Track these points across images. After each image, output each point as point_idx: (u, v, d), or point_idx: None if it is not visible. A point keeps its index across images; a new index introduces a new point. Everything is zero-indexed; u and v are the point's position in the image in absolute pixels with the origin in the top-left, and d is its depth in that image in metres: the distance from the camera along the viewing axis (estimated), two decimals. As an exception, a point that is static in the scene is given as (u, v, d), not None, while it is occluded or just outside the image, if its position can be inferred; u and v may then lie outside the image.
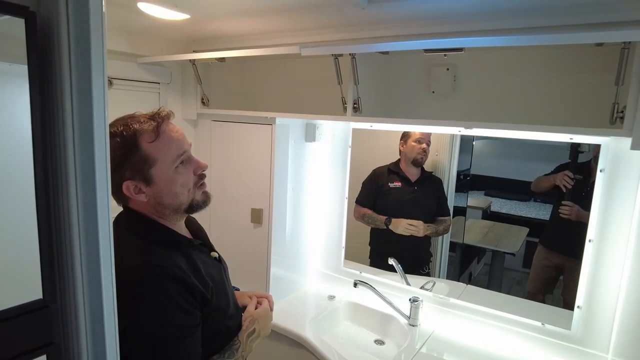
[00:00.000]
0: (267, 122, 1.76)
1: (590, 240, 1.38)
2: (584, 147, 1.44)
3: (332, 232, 2.07)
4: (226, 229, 1.97)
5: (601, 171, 1.34)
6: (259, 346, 1.11)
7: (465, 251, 1.84)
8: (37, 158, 0.56)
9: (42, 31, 0.58)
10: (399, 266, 1.86)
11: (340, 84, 1.56)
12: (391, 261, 1.86)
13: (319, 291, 2.04)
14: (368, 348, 1.73)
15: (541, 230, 1.63)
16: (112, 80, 1.76)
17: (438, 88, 1.65)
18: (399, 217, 1.88)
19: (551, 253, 1.61)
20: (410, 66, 1.73)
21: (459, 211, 1.80)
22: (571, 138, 1.39)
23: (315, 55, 1.48)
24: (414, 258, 1.91)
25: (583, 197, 1.42)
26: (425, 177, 1.86)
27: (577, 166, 1.46)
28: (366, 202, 1.98)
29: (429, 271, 1.90)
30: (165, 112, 0.96)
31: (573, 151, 1.47)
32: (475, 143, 1.73)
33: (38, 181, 0.57)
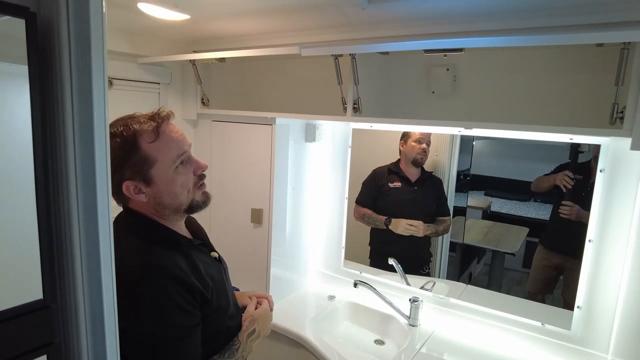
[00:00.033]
0: (267, 122, 1.76)
1: (590, 240, 1.38)
2: (584, 147, 1.44)
3: (332, 232, 2.07)
4: (226, 229, 1.97)
5: (601, 171, 1.34)
6: (259, 346, 1.11)
7: (465, 251, 1.84)
8: (38, 158, 0.57)
9: (43, 32, 0.58)
10: (399, 266, 1.86)
11: (340, 84, 1.56)
12: (391, 261, 1.86)
13: (319, 291, 2.04)
14: (368, 348, 1.73)
15: (541, 230, 1.63)
16: (112, 80, 1.76)
17: (438, 88, 1.65)
18: (399, 217, 1.89)
19: (551, 253, 1.61)
20: (410, 66, 1.73)
21: (459, 211, 1.80)
22: (571, 138, 1.39)
23: (315, 55, 1.48)
24: (414, 258, 1.91)
25: (583, 197, 1.42)
26: (425, 177, 1.86)
27: (577, 166, 1.46)
28: (366, 202, 1.98)
29: (429, 271, 1.90)
30: (165, 113, 0.96)
31: (573, 151, 1.47)
32: (475, 143, 1.73)
33: (38, 181, 0.57)
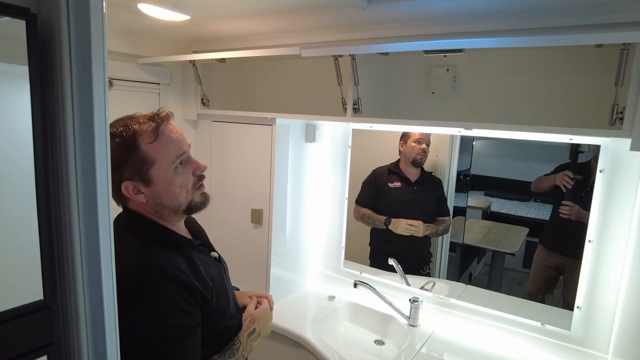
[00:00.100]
0: (267, 123, 1.76)
1: (590, 240, 1.38)
2: (584, 148, 1.44)
3: (332, 233, 2.07)
4: (226, 230, 1.97)
5: (601, 172, 1.34)
6: (259, 346, 1.11)
7: (465, 251, 1.84)
8: (38, 159, 0.57)
9: (43, 33, 0.58)
10: (399, 266, 1.86)
11: (340, 85, 1.56)
12: (391, 261, 1.86)
13: (319, 291, 2.04)
14: (368, 348, 1.73)
15: (541, 230, 1.63)
16: (113, 81, 1.76)
17: (438, 89, 1.65)
18: (399, 217, 1.89)
19: (551, 253, 1.61)
20: (410, 67, 1.73)
21: (459, 211, 1.80)
22: (571, 139, 1.39)
23: (315, 56, 1.48)
24: (414, 258, 1.91)
25: (583, 197, 1.42)
26: (425, 177, 1.86)
27: (577, 166, 1.46)
28: (366, 202, 1.98)
29: (429, 271, 1.90)
30: (164, 113, 0.96)
31: (573, 151, 1.47)
32: (475, 143, 1.73)
33: (39, 182, 0.57)
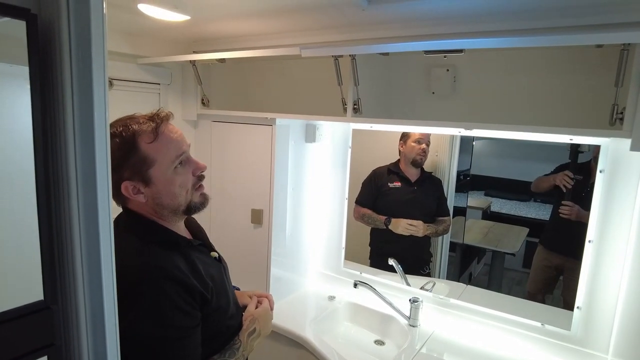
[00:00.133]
0: (267, 123, 1.76)
1: (590, 240, 1.38)
2: (584, 148, 1.44)
3: (332, 233, 2.07)
4: (226, 230, 1.97)
5: (601, 172, 1.34)
6: (260, 346, 1.11)
7: (465, 251, 1.84)
8: (38, 159, 0.57)
9: (43, 33, 0.58)
10: (399, 267, 1.86)
11: (340, 85, 1.56)
12: (391, 262, 1.86)
13: (319, 292, 2.04)
14: (368, 348, 1.73)
15: (541, 230, 1.63)
16: (113, 81, 1.76)
17: (438, 89, 1.65)
18: (399, 217, 1.89)
19: (551, 253, 1.61)
20: (410, 67, 1.73)
21: (459, 211, 1.80)
22: (571, 139, 1.40)
23: (315, 56, 1.48)
24: (414, 258, 1.91)
25: (583, 197, 1.42)
26: (425, 178, 1.86)
27: (577, 166, 1.46)
28: (366, 202, 1.98)
29: (429, 271, 1.90)
30: (164, 113, 0.96)
31: (573, 151, 1.47)
32: (475, 143, 1.73)
33: (39, 182, 0.57)
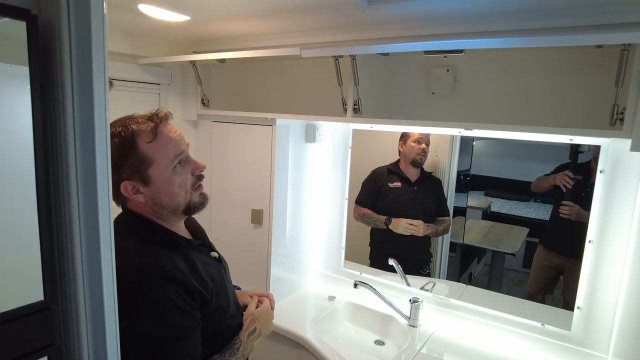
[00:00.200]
0: (268, 123, 1.76)
1: (590, 241, 1.38)
2: (584, 148, 1.44)
3: (332, 233, 2.07)
4: (226, 230, 1.97)
5: (601, 172, 1.34)
6: (260, 346, 1.11)
7: (465, 251, 1.84)
8: (39, 159, 0.57)
9: (44, 33, 0.58)
10: (399, 267, 1.86)
11: (340, 85, 1.56)
12: (391, 262, 1.86)
13: (319, 292, 2.04)
14: (368, 349, 1.73)
15: (541, 230, 1.63)
16: (113, 81, 1.76)
17: (438, 89, 1.65)
18: (399, 217, 1.89)
19: (551, 253, 1.61)
20: (410, 67, 1.73)
21: (459, 211, 1.80)
22: (571, 139, 1.40)
23: (315, 56, 1.48)
24: (414, 258, 1.91)
25: (583, 198, 1.42)
26: (424, 178, 1.86)
27: (577, 166, 1.46)
28: (366, 202, 1.98)
29: (429, 272, 1.90)
30: (163, 113, 0.96)
31: (573, 151, 1.47)
32: (475, 143, 1.73)
33: (39, 183, 0.57)
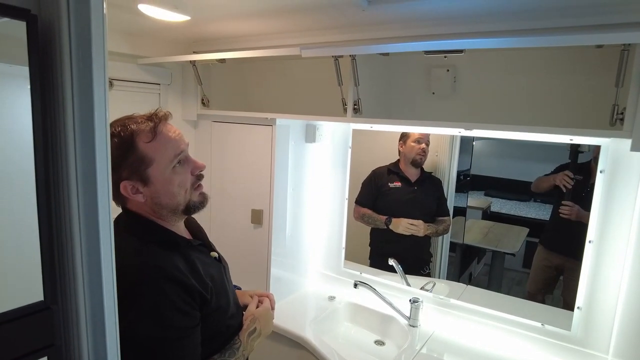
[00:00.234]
0: (268, 123, 1.76)
1: (590, 241, 1.38)
2: (584, 148, 1.44)
3: (332, 233, 2.07)
4: (226, 230, 1.97)
5: (601, 172, 1.34)
6: (260, 346, 1.11)
7: (465, 251, 1.84)
8: (39, 159, 0.57)
9: (44, 33, 0.58)
10: (399, 267, 1.86)
11: (340, 85, 1.56)
12: (391, 262, 1.86)
13: (319, 292, 2.04)
14: (368, 349, 1.73)
15: (541, 230, 1.63)
16: (113, 81, 1.76)
17: (438, 89, 1.65)
18: (399, 217, 1.89)
19: (551, 253, 1.61)
20: (410, 67, 1.73)
21: (459, 211, 1.80)
22: (571, 139, 1.40)
23: (315, 56, 1.48)
24: (414, 258, 1.91)
25: (583, 198, 1.42)
26: (424, 178, 1.86)
27: (577, 166, 1.46)
28: (366, 202, 1.98)
29: (429, 272, 1.90)
30: (162, 113, 0.96)
31: (573, 151, 1.47)
32: (475, 143, 1.73)
33: (39, 183, 0.57)
